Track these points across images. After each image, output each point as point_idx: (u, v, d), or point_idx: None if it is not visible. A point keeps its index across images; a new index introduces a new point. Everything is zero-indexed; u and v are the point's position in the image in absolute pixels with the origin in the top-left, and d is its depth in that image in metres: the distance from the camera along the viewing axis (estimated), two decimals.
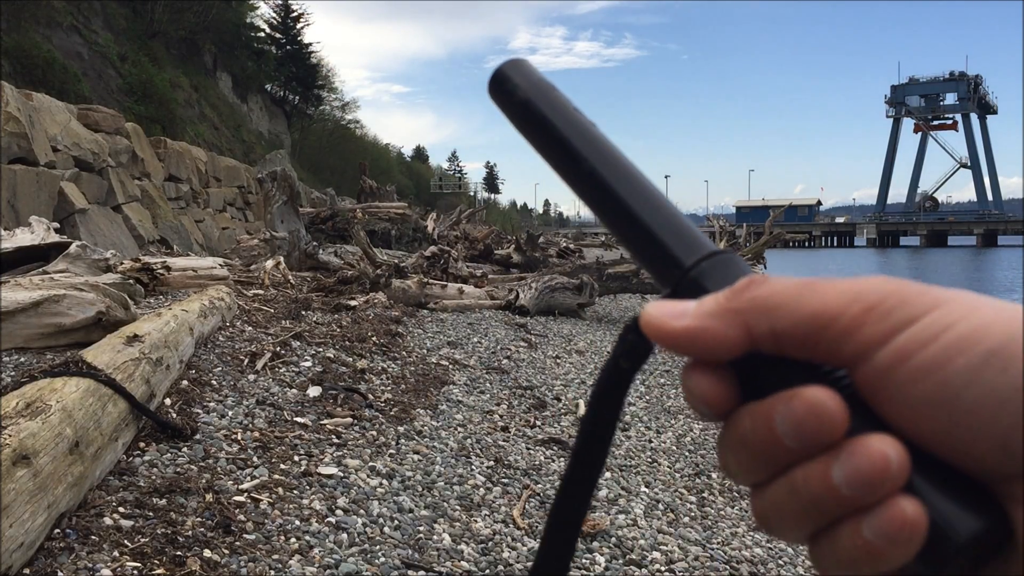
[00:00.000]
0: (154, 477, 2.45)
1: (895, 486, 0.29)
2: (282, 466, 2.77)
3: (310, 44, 39.16)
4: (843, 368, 0.31)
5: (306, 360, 4.33)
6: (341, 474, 2.80)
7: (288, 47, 37.41)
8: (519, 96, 0.37)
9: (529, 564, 2.45)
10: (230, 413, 3.21)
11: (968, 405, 0.28)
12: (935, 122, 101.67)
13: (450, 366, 5.10)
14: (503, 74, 0.38)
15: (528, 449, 3.60)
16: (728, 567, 2.73)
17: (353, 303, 6.63)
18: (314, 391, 3.72)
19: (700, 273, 0.34)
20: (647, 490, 3.34)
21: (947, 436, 0.29)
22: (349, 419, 3.43)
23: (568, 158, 0.36)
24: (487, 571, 2.37)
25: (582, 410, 4.33)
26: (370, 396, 3.86)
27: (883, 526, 0.29)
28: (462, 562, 2.38)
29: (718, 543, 2.92)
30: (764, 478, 0.32)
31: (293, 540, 2.24)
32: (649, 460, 3.83)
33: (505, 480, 3.14)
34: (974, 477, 0.30)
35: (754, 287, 0.32)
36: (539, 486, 3.13)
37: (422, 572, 2.26)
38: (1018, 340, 0.28)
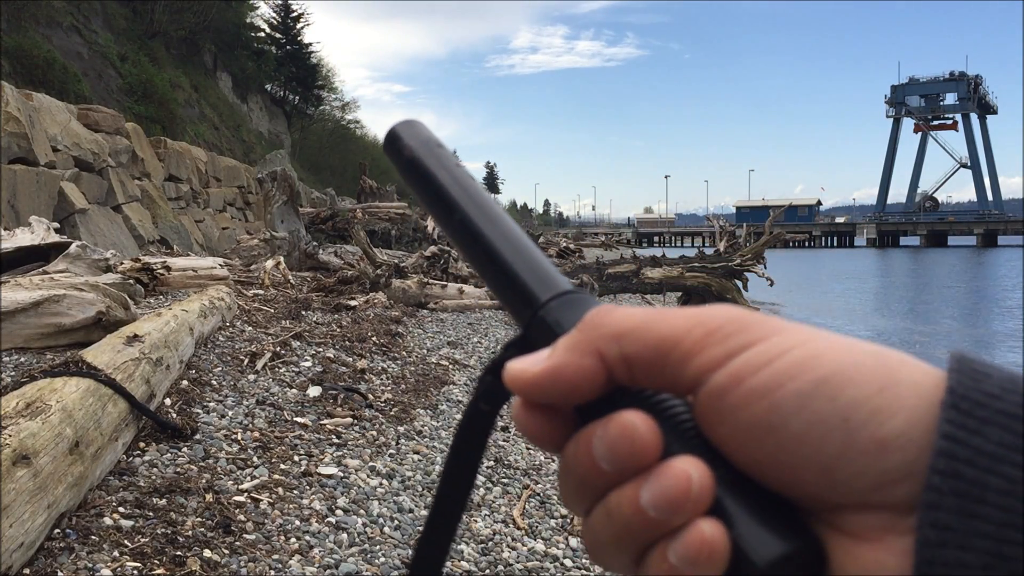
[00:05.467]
0: (154, 477, 2.45)
1: (698, 508, 0.28)
2: (282, 466, 2.77)
3: (310, 44, 39.18)
4: (680, 395, 0.31)
5: (306, 360, 4.33)
6: (341, 474, 2.80)
7: (288, 47, 37.41)
8: (406, 154, 0.41)
9: (529, 564, 2.45)
10: (230, 413, 3.21)
11: (795, 431, 0.28)
12: (935, 122, 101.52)
13: (450, 366, 5.11)
14: (395, 133, 0.42)
15: (528, 449, 3.60)
16: None
17: (353, 303, 6.63)
18: (314, 391, 3.72)
19: (549, 310, 0.35)
20: None
21: (774, 462, 0.29)
22: (349, 419, 3.43)
23: (445, 207, 0.39)
24: (487, 571, 2.37)
25: None
26: (370, 396, 3.86)
27: (684, 549, 0.28)
28: (462, 562, 2.38)
29: None
30: (588, 505, 0.32)
31: (293, 540, 2.24)
32: None
33: (505, 480, 3.14)
34: (798, 505, 0.29)
35: (602, 316, 0.32)
36: (539, 486, 3.13)
37: None
38: (848, 371, 0.28)
